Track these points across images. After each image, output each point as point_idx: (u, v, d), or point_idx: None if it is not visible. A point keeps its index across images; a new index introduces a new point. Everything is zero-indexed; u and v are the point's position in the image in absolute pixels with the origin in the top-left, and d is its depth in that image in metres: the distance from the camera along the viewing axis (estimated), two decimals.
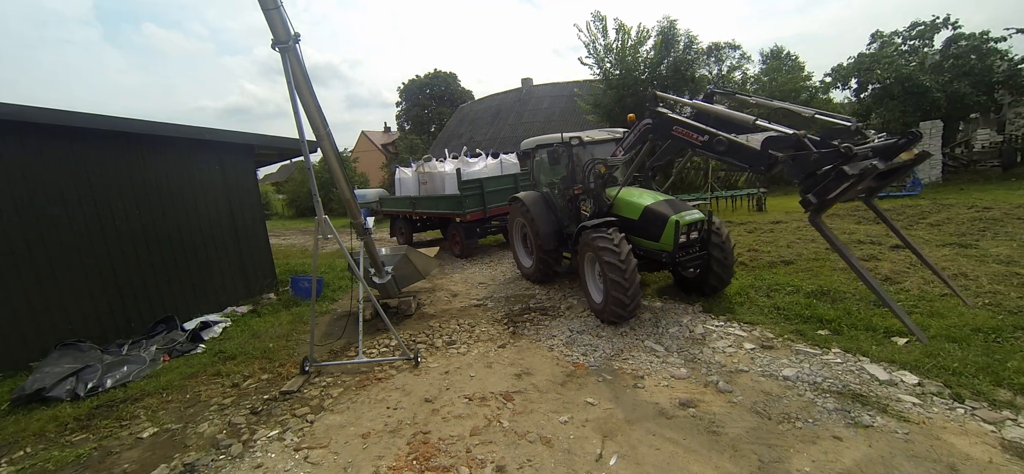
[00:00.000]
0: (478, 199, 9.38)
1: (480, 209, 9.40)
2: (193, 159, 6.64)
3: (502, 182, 9.95)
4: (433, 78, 36.87)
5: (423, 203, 10.94)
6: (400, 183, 12.27)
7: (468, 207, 9.19)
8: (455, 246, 10.20)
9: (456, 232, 9.89)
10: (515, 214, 7.18)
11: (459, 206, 9.25)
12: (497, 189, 9.67)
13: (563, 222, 6.52)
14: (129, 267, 5.80)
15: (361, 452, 3.08)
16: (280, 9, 3.53)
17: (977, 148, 15.66)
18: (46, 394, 4.10)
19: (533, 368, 4.17)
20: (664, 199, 5.19)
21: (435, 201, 10.42)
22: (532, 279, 7.12)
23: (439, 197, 10.32)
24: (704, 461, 2.73)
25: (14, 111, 4.72)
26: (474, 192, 9.32)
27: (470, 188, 9.28)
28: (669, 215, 4.84)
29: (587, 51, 16.56)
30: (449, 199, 9.79)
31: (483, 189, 9.42)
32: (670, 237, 4.83)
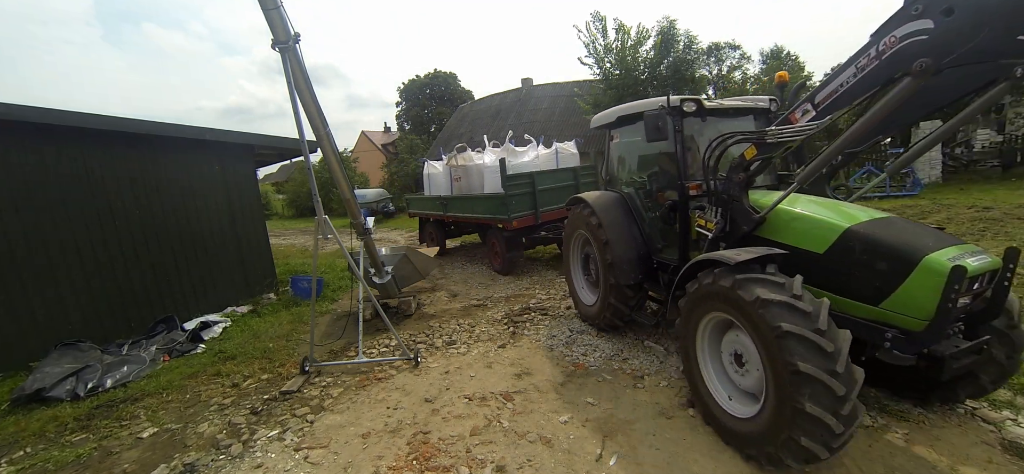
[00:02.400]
0: (527, 200, 7.31)
1: (529, 213, 7.30)
2: (193, 159, 6.64)
3: (558, 178, 7.86)
4: (433, 78, 36.83)
5: (456, 204, 8.89)
6: (429, 180, 10.27)
7: (514, 210, 7.10)
8: (495, 260, 8.08)
9: (496, 241, 7.83)
10: (575, 224, 4.94)
11: (502, 209, 7.23)
12: (552, 187, 7.63)
13: (653, 243, 4.31)
14: (129, 267, 5.80)
15: (361, 452, 3.08)
16: (280, 9, 3.53)
17: (977, 148, 15.66)
18: (46, 394, 4.10)
19: (533, 368, 4.17)
20: (878, 217, 2.87)
21: (470, 202, 8.36)
22: (595, 324, 4.84)
23: (476, 197, 8.23)
24: (704, 461, 2.72)
25: (14, 111, 4.72)
26: (522, 191, 7.27)
27: (517, 185, 7.20)
28: (924, 251, 2.47)
29: (587, 51, 16.56)
30: (488, 200, 7.75)
31: (534, 187, 7.32)
32: (927, 297, 2.39)
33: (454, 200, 8.98)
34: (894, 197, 11.93)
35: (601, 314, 4.60)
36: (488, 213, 7.79)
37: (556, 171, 8.11)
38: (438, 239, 10.44)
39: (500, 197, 7.26)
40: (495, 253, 8.14)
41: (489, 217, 7.78)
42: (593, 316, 4.80)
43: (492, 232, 8.00)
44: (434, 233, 10.56)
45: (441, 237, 10.46)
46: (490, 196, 7.73)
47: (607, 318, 4.53)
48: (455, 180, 8.98)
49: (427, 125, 35.49)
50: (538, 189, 7.39)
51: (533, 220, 7.39)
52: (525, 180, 7.35)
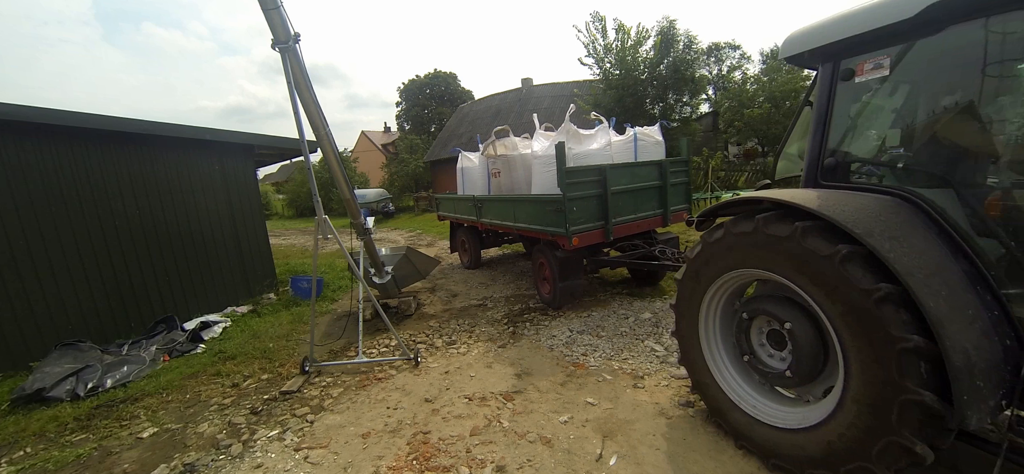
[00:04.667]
0: (593, 206, 5.14)
1: (596, 225, 5.17)
2: (193, 159, 6.64)
3: (639, 175, 5.56)
4: (433, 78, 36.84)
5: (492, 207, 6.85)
6: (463, 175, 8.26)
7: (575, 221, 4.98)
8: (543, 286, 5.88)
9: (547, 263, 5.58)
10: (766, 258, 2.36)
11: (557, 218, 5.10)
12: (629, 188, 5.40)
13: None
14: (129, 267, 5.80)
15: (361, 452, 3.08)
16: (280, 9, 3.54)
17: None
18: (46, 394, 4.10)
19: (533, 368, 4.17)
20: None
21: (511, 205, 6.26)
22: None
23: (519, 199, 6.14)
24: (704, 461, 2.72)
25: (14, 111, 4.73)
26: (587, 192, 5.07)
27: (580, 183, 5.02)
28: None
29: (587, 51, 16.57)
30: (537, 204, 5.56)
31: (605, 187, 5.12)
32: None
33: (490, 202, 6.93)
34: None
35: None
36: (536, 222, 5.60)
37: (635, 166, 5.64)
38: (471, 250, 8.67)
39: (555, 200, 5.03)
40: (543, 277, 5.83)
41: (537, 228, 5.63)
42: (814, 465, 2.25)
43: (541, 249, 5.76)
44: (467, 242, 8.68)
45: (475, 247, 8.63)
46: (540, 199, 5.50)
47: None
48: (493, 174, 6.88)
49: (427, 125, 35.50)
50: (611, 191, 5.11)
51: (601, 236, 5.16)
52: (593, 177, 5.10)
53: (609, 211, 5.21)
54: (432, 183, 26.82)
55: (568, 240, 4.97)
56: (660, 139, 6.31)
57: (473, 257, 8.73)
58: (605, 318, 5.28)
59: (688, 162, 6.01)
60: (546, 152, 5.60)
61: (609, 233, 5.26)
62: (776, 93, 17.32)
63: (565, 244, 5.06)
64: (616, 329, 4.90)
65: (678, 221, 6.01)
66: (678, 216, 5.96)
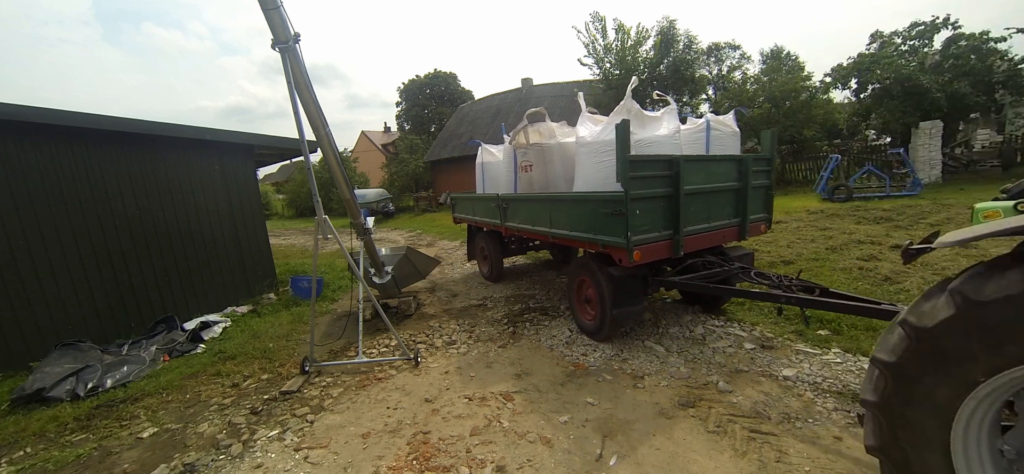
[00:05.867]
0: (662, 209, 4.05)
1: (663, 235, 4.07)
2: (193, 159, 6.64)
3: (715, 173, 4.40)
4: (433, 78, 36.86)
5: (521, 209, 5.65)
6: (483, 171, 7.28)
7: (639, 227, 3.88)
8: (585, 311, 4.76)
9: (592, 282, 4.48)
10: None
11: (613, 224, 3.96)
12: (705, 189, 4.28)
13: None
14: (129, 267, 5.80)
15: (361, 452, 3.08)
16: (280, 9, 3.53)
17: (977, 148, 15.69)
18: (46, 394, 4.10)
19: (533, 368, 4.17)
20: None
21: (546, 206, 5.07)
22: None
23: (558, 199, 4.97)
24: (704, 461, 2.72)
25: (14, 111, 4.72)
26: (654, 191, 3.96)
27: (648, 179, 3.89)
28: None
29: (587, 51, 16.58)
30: (584, 205, 4.41)
31: (677, 185, 4.00)
32: None
33: (518, 202, 5.69)
34: (895, 197, 11.93)
35: None
36: (581, 228, 4.46)
37: (712, 161, 4.51)
38: (492, 258, 7.34)
39: (612, 200, 3.90)
40: (584, 299, 4.74)
41: (581, 236, 4.45)
42: None
43: (585, 263, 4.60)
44: (488, 249, 7.39)
45: (497, 255, 7.31)
46: (588, 198, 4.34)
47: None
48: (523, 168, 5.77)
49: (427, 125, 35.51)
50: (683, 190, 3.99)
51: (668, 250, 4.07)
52: (662, 171, 3.96)
53: (681, 215, 4.02)
54: (432, 183, 26.83)
55: (627, 253, 3.83)
56: (737, 129, 5.23)
57: (494, 267, 7.38)
58: None
59: (772, 160, 4.88)
60: (598, 138, 4.35)
61: (678, 246, 4.05)
62: (776, 93, 17.33)
63: (623, 258, 3.94)
64: None
65: (755, 233, 4.85)
66: (755, 227, 4.80)
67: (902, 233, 7.75)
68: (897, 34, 18.59)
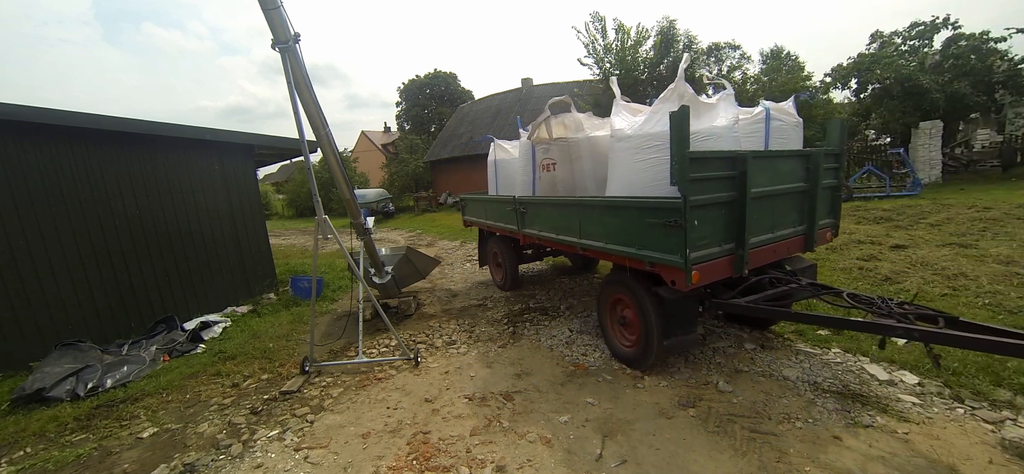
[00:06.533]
0: (723, 218, 3.38)
1: (725, 249, 3.40)
2: (193, 159, 6.64)
3: (783, 171, 3.74)
4: (433, 78, 36.86)
5: (543, 214, 4.94)
6: (496, 169, 6.66)
7: (698, 241, 3.19)
8: (622, 334, 4.10)
9: (634, 301, 3.80)
10: None
11: (665, 237, 3.25)
12: (771, 191, 3.63)
13: None
14: (129, 267, 5.80)
15: (361, 452, 3.08)
16: (280, 9, 3.54)
17: (977, 148, 15.69)
18: (46, 394, 4.10)
19: (533, 368, 4.17)
20: None
21: (576, 212, 4.31)
22: None
23: (591, 204, 4.14)
24: (704, 461, 2.72)
25: (14, 111, 4.72)
26: (717, 194, 3.29)
27: (709, 181, 3.22)
28: None
29: (587, 52, 16.57)
30: (626, 212, 3.65)
31: (744, 187, 3.33)
32: None
33: (539, 206, 4.99)
34: (894, 197, 11.93)
35: None
36: (621, 240, 3.70)
37: (780, 157, 3.79)
38: (507, 266, 6.67)
39: (665, 207, 3.19)
40: (620, 321, 4.06)
41: (622, 250, 3.69)
42: None
43: (627, 282, 3.86)
44: (501, 256, 6.73)
45: (511, 262, 6.63)
46: (633, 205, 3.53)
47: None
48: (543, 167, 5.07)
49: (427, 125, 35.50)
50: (751, 194, 3.34)
51: (730, 267, 3.41)
52: (725, 170, 3.31)
53: (747, 224, 3.33)
54: (432, 183, 26.83)
55: (684, 274, 3.10)
56: (799, 119, 4.52)
57: (509, 275, 6.70)
58: None
59: (842, 155, 4.15)
60: (640, 130, 3.60)
61: (743, 263, 3.37)
62: (776, 93, 17.32)
63: (677, 280, 3.21)
64: None
65: (821, 241, 4.15)
66: (821, 235, 4.09)
67: (902, 233, 7.75)
68: (897, 34, 18.58)
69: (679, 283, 3.22)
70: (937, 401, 3.13)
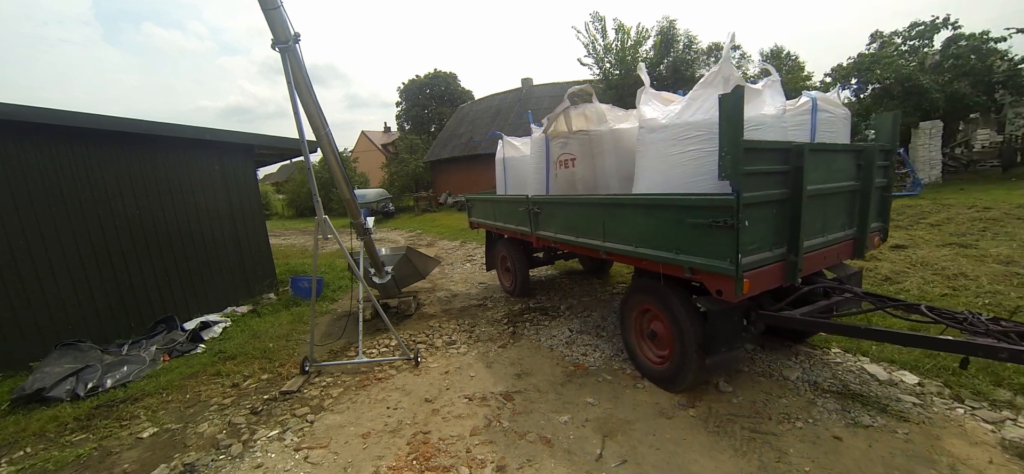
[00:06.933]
0: (775, 218, 2.99)
1: (776, 254, 3.01)
2: (193, 159, 6.64)
3: (836, 169, 3.37)
4: (433, 78, 36.86)
5: (561, 214, 4.56)
6: (505, 168, 6.37)
7: (749, 244, 2.80)
8: (653, 350, 3.74)
9: (668, 314, 3.39)
10: None
11: (711, 241, 2.86)
12: (825, 189, 3.25)
13: None
14: (129, 267, 5.80)
15: (361, 452, 3.08)
16: (280, 9, 3.54)
17: (977, 148, 15.68)
18: (46, 394, 4.10)
19: (533, 368, 4.17)
20: None
21: (600, 212, 3.92)
22: None
23: (621, 202, 3.72)
24: (704, 461, 2.72)
25: (14, 111, 4.72)
26: (769, 191, 2.89)
27: (763, 176, 2.84)
28: None
29: (586, 52, 16.58)
30: (664, 211, 3.21)
31: (800, 182, 2.93)
32: None
33: (556, 206, 4.63)
34: (895, 197, 11.91)
35: None
36: (658, 244, 3.30)
37: (836, 151, 3.44)
38: (516, 270, 6.31)
39: (713, 206, 2.82)
40: (657, 338, 3.62)
41: (660, 256, 3.29)
42: None
43: (655, 288, 3.53)
44: (510, 260, 6.39)
45: (522, 266, 6.26)
46: (671, 203, 3.15)
47: None
48: (560, 163, 4.67)
49: (427, 125, 35.51)
50: (807, 191, 2.97)
51: (781, 274, 3.05)
52: (779, 164, 2.97)
53: (801, 224, 2.96)
54: (432, 183, 26.83)
55: (734, 282, 2.73)
56: (847, 111, 4.07)
57: (519, 279, 6.31)
58: (605, 318, 5.28)
59: (893, 152, 3.82)
60: (678, 119, 3.21)
61: (796, 270, 2.99)
62: None
63: (724, 289, 2.83)
64: (616, 329, 4.90)
65: (870, 247, 3.77)
66: (870, 239, 3.74)
67: (902, 233, 7.75)
68: (897, 34, 18.58)
69: (726, 293, 2.83)
70: (937, 401, 3.13)
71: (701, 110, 3.11)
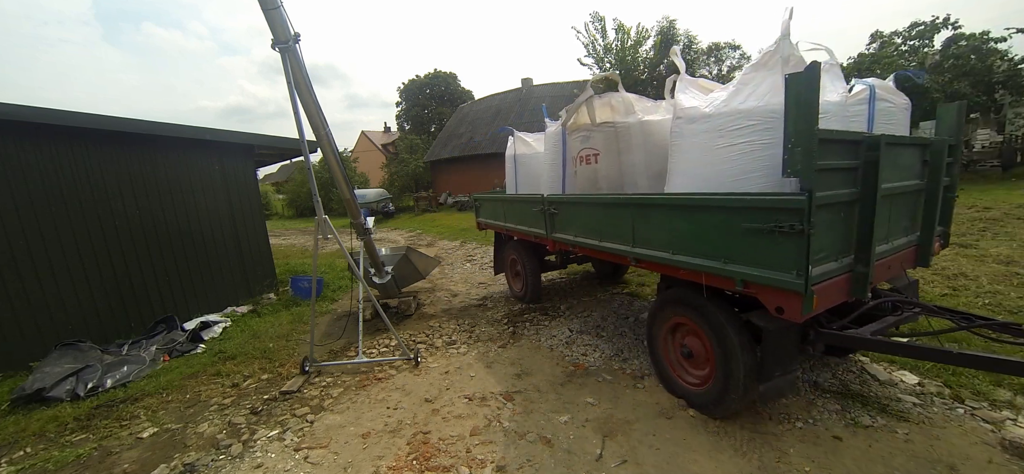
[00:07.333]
0: (845, 221, 2.60)
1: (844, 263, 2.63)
2: (193, 159, 6.64)
3: (903, 166, 2.98)
4: (433, 78, 36.87)
5: (581, 215, 4.14)
6: (516, 166, 6.04)
7: (820, 252, 2.45)
8: (686, 375, 3.34)
9: (712, 332, 2.96)
10: None
11: (769, 249, 2.44)
12: (898, 188, 2.92)
13: None
14: (129, 267, 5.80)
15: (361, 452, 3.08)
16: (280, 9, 3.54)
17: (977, 148, 15.67)
18: (46, 394, 4.10)
19: (533, 368, 4.17)
20: None
21: (628, 214, 3.46)
22: None
23: (652, 201, 3.27)
24: (704, 461, 2.72)
25: (14, 111, 4.72)
26: (840, 190, 2.52)
27: (834, 172, 2.46)
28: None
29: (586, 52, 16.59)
30: (714, 214, 2.73)
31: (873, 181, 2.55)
32: None
33: (576, 206, 4.23)
34: None
35: None
36: (703, 252, 2.88)
37: (904, 144, 3.04)
38: (527, 274, 5.95)
39: (777, 207, 2.38)
40: (694, 356, 3.25)
41: (706, 265, 2.86)
42: None
43: (694, 301, 3.12)
44: (520, 263, 6.05)
45: (533, 269, 5.90)
46: (723, 203, 2.69)
47: None
48: (581, 159, 4.32)
49: (427, 125, 35.52)
50: (881, 190, 2.59)
51: (847, 287, 2.66)
52: (850, 159, 2.59)
53: (875, 227, 2.57)
54: (432, 183, 26.83)
55: (802, 298, 2.33)
56: (907, 101, 3.75)
57: (529, 285, 5.95)
58: (605, 318, 5.28)
59: (959, 149, 3.47)
60: (725, 108, 2.82)
61: (866, 282, 2.60)
62: None
63: (789, 307, 2.42)
64: (616, 329, 4.90)
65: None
66: None
67: None
68: (897, 34, 18.57)
69: (790, 311, 2.42)
70: (937, 401, 3.13)
71: (754, 96, 2.71)
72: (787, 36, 2.69)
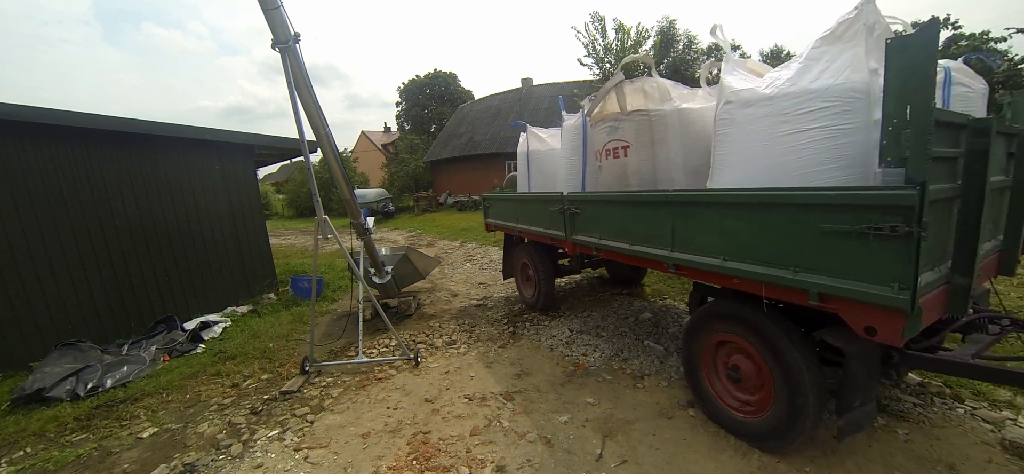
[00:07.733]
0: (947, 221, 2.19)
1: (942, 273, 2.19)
2: (193, 159, 6.64)
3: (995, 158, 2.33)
4: (433, 78, 36.87)
5: (609, 216, 3.68)
6: (529, 163, 5.68)
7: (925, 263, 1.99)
8: (732, 399, 2.91)
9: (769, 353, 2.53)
10: None
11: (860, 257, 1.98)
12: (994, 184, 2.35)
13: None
14: (129, 267, 5.80)
15: (361, 452, 3.08)
16: (280, 9, 3.54)
17: None
18: (46, 394, 4.10)
19: (533, 368, 4.17)
20: None
21: (668, 213, 2.98)
22: None
23: (709, 200, 2.68)
24: (704, 461, 2.73)
25: (14, 111, 4.72)
26: (944, 185, 2.09)
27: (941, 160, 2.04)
28: None
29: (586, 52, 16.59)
30: (784, 210, 2.24)
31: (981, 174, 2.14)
32: None
33: (603, 205, 3.80)
34: None
35: None
36: (767, 259, 2.38)
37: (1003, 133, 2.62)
38: (540, 278, 5.47)
39: (883, 202, 1.88)
40: (745, 380, 2.79)
41: (772, 275, 2.34)
42: None
43: (749, 316, 2.65)
44: (533, 267, 5.56)
45: (546, 273, 5.42)
46: (801, 200, 2.17)
47: None
48: (606, 153, 3.89)
49: (427, 125, 35.52)
50: (990, 184, 2.24)
51: (944, 300, 2.22)
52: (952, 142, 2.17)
53: (979, 238, 2.20)
54: (432, 183, 26.84)
55: (906, 316, 1.90)
56: (985, 86, 3.37)
57: (542, 290, 5.48)
58: (605, 318, 5.28)
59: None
60: (790, 88, 2.44)
61: (966, 296, 2.22)
62: None
63: (886, 328, 1.99)
64: (616, 329, 4.90)
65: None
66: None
67: None
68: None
69: (886, 332, 1.97)
70: (937, 401, 3.13)
71: (828, 73, 2.30)
72: (872, 1, 2.21)
